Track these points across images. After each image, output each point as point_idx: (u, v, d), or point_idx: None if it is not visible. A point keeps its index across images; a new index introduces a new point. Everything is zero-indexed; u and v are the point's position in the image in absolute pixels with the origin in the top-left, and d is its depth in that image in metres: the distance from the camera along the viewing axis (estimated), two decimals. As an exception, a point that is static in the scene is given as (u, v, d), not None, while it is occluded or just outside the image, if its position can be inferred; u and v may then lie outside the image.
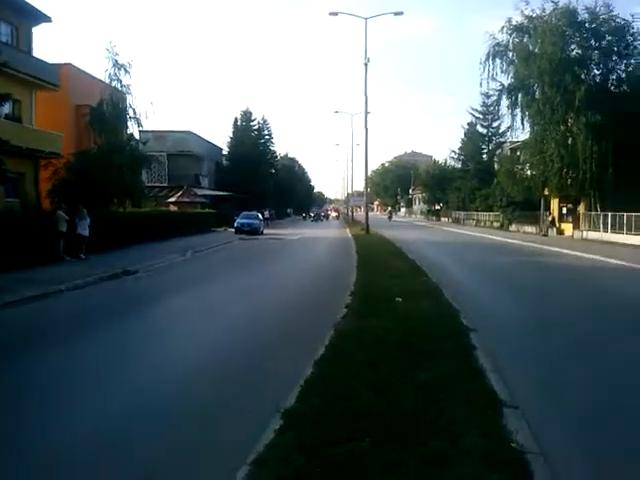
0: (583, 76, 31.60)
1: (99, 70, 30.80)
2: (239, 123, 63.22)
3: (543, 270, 18.31)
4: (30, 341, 8.26)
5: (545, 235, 36.72)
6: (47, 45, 73.68)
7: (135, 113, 27.24)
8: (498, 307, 11.10)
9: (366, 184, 41.85)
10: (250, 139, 61.94)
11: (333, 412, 4.64)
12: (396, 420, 4.47)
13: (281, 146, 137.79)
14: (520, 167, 39.33)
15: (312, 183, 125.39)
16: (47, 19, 25.79)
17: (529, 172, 37.36)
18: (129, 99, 27.04)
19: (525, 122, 35.12)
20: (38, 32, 29.67)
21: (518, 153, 42.17)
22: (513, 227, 44.01)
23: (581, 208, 34.98)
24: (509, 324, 9.38)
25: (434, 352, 6.40)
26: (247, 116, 64.19)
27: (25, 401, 5.75)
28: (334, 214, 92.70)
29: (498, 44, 34.66)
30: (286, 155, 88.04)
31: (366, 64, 33.94)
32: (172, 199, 42.74)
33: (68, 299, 11.84)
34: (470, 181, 57.22)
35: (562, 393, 5.90)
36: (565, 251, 24.17)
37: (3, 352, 7.63)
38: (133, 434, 4.82)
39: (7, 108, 21.92)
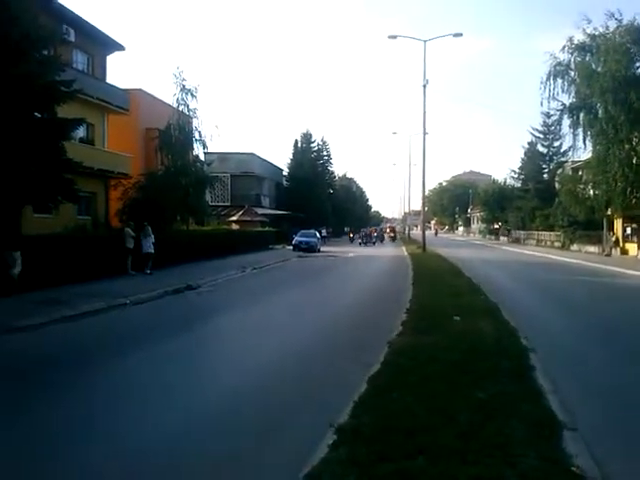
0: (649, 93, 30.39)
1: (168, 95, 32.11)
2: (299, 145, 64.37)
3: (607, 291, 17.57)
4: (95, 350, 8.69)
5: (608, 255, 35.35)
6: (120, 71, 78.16)
7: (201, 136, 28.14)
8: (558, 328, 10.76)
9: (423, 204, 41.57)
10: (309, 160, 62.91)
11: (387, 428, 4.64)
12: (451, 438, 4.41)
13: (339, 166, 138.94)
14: (582, 187, 38.24)
15: (369, 203, 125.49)
16: (120, 48, 27.29)
17: (592, 192, 36.21)
18: (195, 122, 27.98)
19: (587, 141, 34.08)
20: (112, 59, 31.35)
21: (580, 172, 40.95)
22: (574, 247, 42.62)
23: (646, 228, 33.54)
24: (570, 346, 9.09)
25: (492, 372, 6.30)
26: (307, 138, 65.26)
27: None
28: (391, 234, 71.46)
29: (559, 63, 33.98)
30: (344, 175, 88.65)
31: (425, 86, 33.91)
32: (234, 218, 43.85)
33: (131, 312, 12.34)
34: (530, 200, 56.14)
35: (624, 419, 5.66)
36: (630, 272, 23.08)
37: (74, 356, 8.10)
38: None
39: (81, 131, 23.17)
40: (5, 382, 6.88)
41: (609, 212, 35.57)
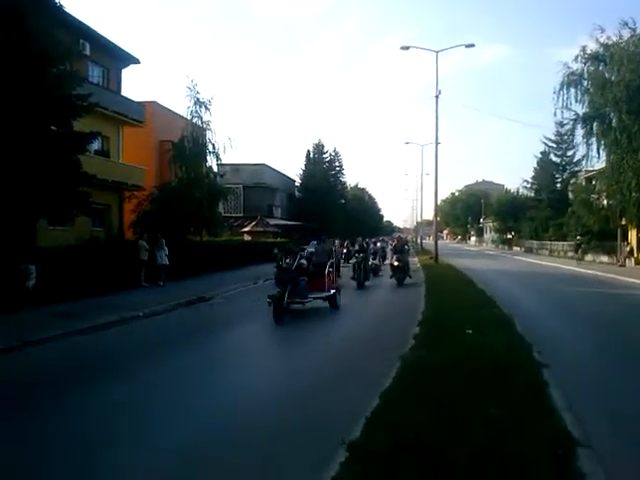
0: (664, 103, 30.23)
1: (182, 107, 32.46)
2: (311, 155, 64.84)
3: (622, 303, 17.30)
4: (108, 363, 8.79)
5: (622, 265, 34.90)
6: (135, 84, 79.02)
7: (214, 148, 28.44)
8: (573, 342, 10.61)
9: (435, 214, 41.50)
10: (321, 171, 63.34)
11: (399, 446, 4.60)
12: (464, 457, 4.38)
13: (351, 176, 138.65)
14: (596, 196, 38.05)
15: (381, 213, 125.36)
16: (135, 61, 27.70)
17: (605, 201, 36.00)
18: (209, 134, 28.31)
19: (601, 151, 34.06)
20: (127, 72, 31.77)
21: (594, 182, 40.79)
22: (588, 257, 42.23)
23: (662, 238, 33.29)
24: (585, 361, 8.98)
25: (505, 387, 6.25)
26: (319, 148, 65.69)
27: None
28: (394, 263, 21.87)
29: (572, 73, 33.95)
30: (356, 185, 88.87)
31: (437, 96, 33.89)
32: (246, 229, 44.03)
33: (144, 325, 12.43)
34: (543, 210, 56.05)
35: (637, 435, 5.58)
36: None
37: (87, 369, 8.16)
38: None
39: (97, 144, 23.47)
40: (17, 396, 6.95)
41: (623, 222, 35.33)
